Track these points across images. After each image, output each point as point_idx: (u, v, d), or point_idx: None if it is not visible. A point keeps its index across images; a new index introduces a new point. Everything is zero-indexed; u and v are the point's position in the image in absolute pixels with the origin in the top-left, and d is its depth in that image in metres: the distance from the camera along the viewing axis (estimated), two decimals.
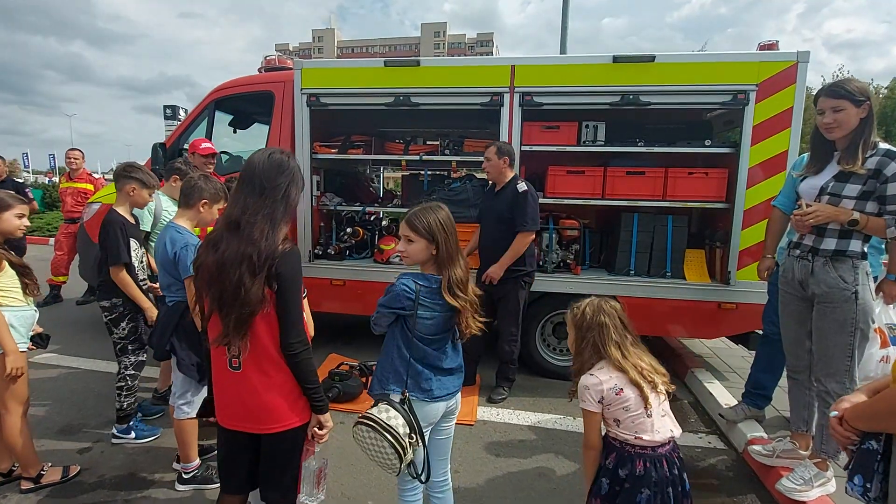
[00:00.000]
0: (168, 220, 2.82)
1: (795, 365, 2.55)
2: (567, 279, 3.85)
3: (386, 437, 1.60)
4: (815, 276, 2.29)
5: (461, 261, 1.80)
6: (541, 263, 3.95)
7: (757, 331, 3.54)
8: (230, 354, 1.54)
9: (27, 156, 35.13)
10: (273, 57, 4.49)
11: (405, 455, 1.62)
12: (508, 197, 3.43)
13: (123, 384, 2.90)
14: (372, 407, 1.70)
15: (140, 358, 2.93)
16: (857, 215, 2.15)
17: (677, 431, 1.67)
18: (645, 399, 1.61)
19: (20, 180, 6.26)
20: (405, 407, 1.69)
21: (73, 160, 5.72)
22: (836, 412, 1.25)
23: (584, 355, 1.74)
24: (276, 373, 1.55)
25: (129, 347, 2.86)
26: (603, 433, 1.74)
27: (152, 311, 2.75)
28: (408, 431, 1.64)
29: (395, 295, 1.72)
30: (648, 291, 3.73)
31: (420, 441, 1.69)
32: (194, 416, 2.32)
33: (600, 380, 1.65)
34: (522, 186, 3.39)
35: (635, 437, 1.61)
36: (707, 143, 3.70)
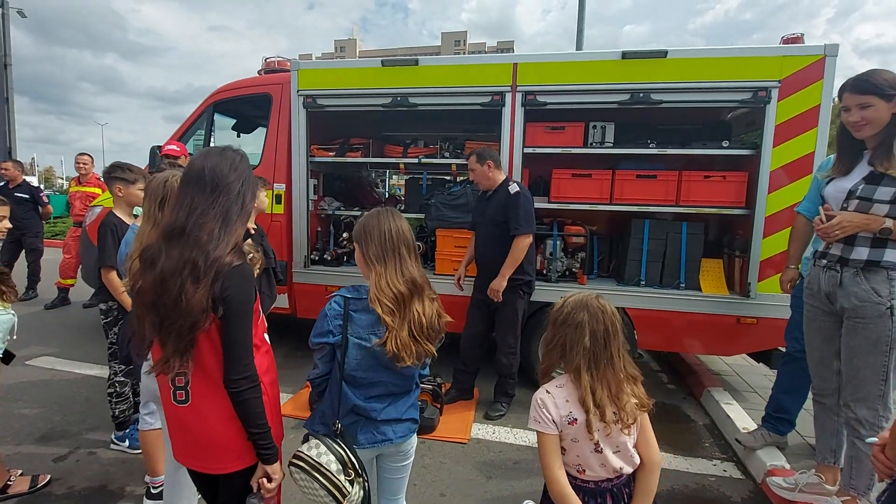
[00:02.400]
0: None
1: (822, 388, 2.28)
2: (572, 289, 3.60)
3: (317, 478, 1.39)
4: (843, 289, 2.04)
5: (405, 270, 1.54)
6: (544, 272, 3.75)
7: (780, 348, 3.25)
8: (174, 386, 1.34)
9: (63, 162, 36.64)
10: (273, 59, 4.42)
11: (346, 497, 1.41)
12: (501, 200, 3.24)
13: (113, 391, 2.83)
14: (303, 443, 1.49)
15: (130, 365, 2.84)
16: (889, 223, 1.89)
17: (628, 469, 1.44)
18: (588, 427, 1.36)
19: (36, 184, 6.34)
20: (338, 440, 1.47)
21: (81, 165, 5.77)
22: (877, 438, 1.14)
23: (551, 356, 1.47)
24: (227, 404, 1.33)
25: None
26: None
27: None
28: (340, 468, 1.42)
29: (321, 317, 1.51)
30: (660, 304, 3.47)
31: (364, 476, 1.47)
32: (158, 426, 2.19)
33: (555, 403, 1.40)
34: (514, 188, 3.20)
35: (577, 471, 1.43)
36: (725, 144, 3.44)
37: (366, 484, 1.49)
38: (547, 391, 1.44)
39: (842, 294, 2.04)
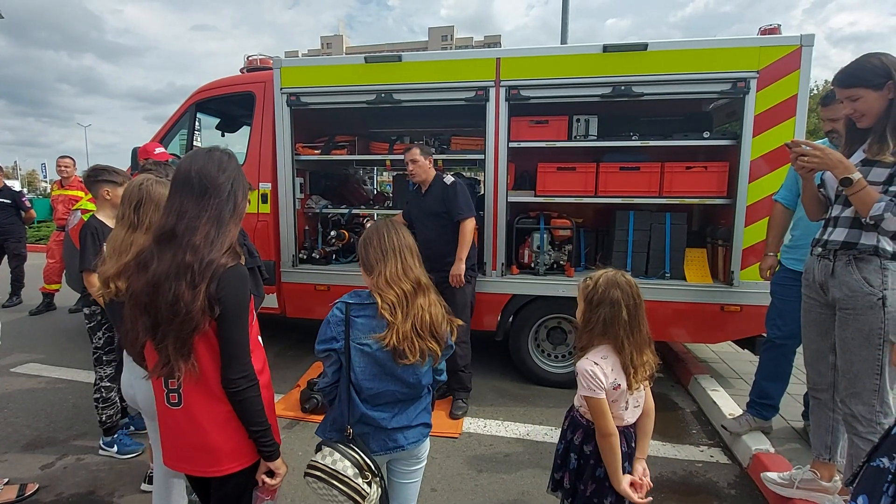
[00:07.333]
0: None
1: (817, 382, 2.22)
2: (560, 281, 3.65)
3: (335, 485, 1.40)
4: (835, 278, 1.95)
5: (408, 269, 1.55)
6: (532, 265, 3.77)
7: (763, 334, 3.31)
8: (167, 389, 1.34)
9: (45, 166, 36.02)
10: (255, 57, 4.37)
11: (365, 498, 1.42)
12: (437, 192, 3.33)
13: (99, 396, 2.81)
14: (316, 452, 1.49)
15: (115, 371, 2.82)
16: (856, 176, 1.81)
17: (637, 418, 1.70)
18: (630, 388, 1.58)
19: (18, 189, 6.23)
20: (351, 445, 1.47)
21: (63, 168, 5.67)
22: None
23: (593, 332, 1.64)
24: (221, 405, 1.33)
25: (104, 358, 2.77)
26: (577, 405, 1.73)
27: None
28: (357, 472, 1.43)
29: (324, 324, 1.50)
30: (646, 294, 3.40)
31: (380, 477, 1.48)
32: None
33: (604, 372, 1.57)
34: (449, 178, 3.34)
35: None
36: (706, 134, 3.48)
37: (383, 482, 1.50)
38: (594, 363, 1.58)
39: (833, 283, 1.97)
